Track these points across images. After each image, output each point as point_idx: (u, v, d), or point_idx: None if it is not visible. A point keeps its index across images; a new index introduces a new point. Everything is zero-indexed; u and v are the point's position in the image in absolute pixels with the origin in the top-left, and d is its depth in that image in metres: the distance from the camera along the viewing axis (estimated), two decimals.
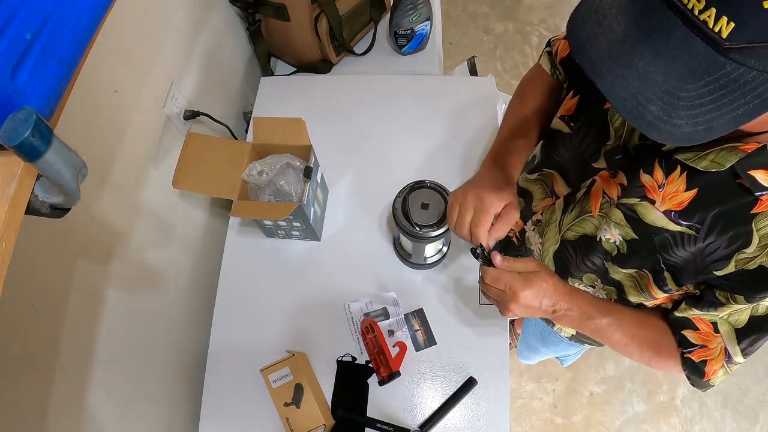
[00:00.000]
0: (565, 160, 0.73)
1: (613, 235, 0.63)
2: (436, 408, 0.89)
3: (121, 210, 0.82)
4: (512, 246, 0.89)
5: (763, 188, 0.48)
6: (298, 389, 0.87)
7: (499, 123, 1.16)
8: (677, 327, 0.64)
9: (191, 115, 1.00)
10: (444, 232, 0.83)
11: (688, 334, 0.63)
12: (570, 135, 0.70)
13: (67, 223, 0.63)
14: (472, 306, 0.96)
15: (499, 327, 0.95)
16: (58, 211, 0.49)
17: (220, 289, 1.02)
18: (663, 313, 0.69)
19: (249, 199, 0.93)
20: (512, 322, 1.71)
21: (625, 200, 0.61)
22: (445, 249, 0.99)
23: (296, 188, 0.91)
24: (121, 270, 0.82)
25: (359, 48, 1.34)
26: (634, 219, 0.60)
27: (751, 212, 0.50)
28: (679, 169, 0.55)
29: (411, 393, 0.91)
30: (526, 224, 0.84)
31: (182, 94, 0.98)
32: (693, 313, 0.62)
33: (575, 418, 1.70)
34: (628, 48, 0.39)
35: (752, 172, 0.48)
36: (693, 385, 0.66)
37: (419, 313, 0.96)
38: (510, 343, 1.69)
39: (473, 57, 1.49)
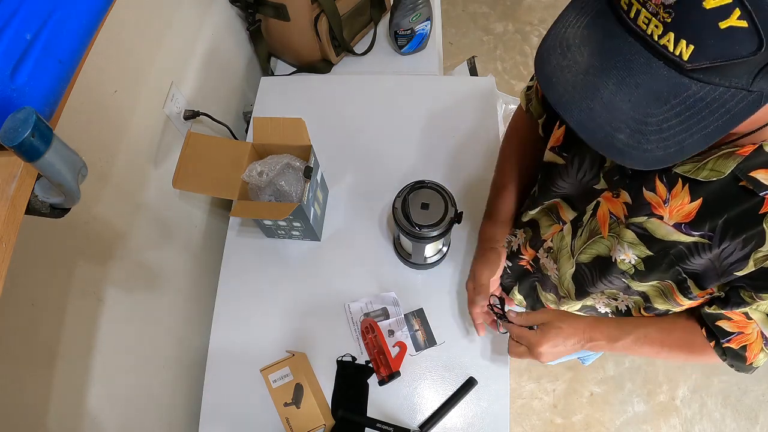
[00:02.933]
0: (566, 189, 0.73)
1: (627, 256, 0.63)
2: (436, 408, 0.89)
3: (121, 210, 0.82)
4: (528, 273, 0.89)
5: (767, 188, 0.48)
6: (298, 389, 0.87)
7: (499, 123, 1.17)
8: (711, 319, 0.65)
9: (191, 115, 1.00)
10: (444, 232, 0.83)
11: (723, 324, 0.63)
12: (565, 165, 0.70)
13: (67, 223, 0.63)
14: None
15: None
16: (58, 211, 0.49)
17: (219, 289, 1.03)
18: (690, 311, 0.70)
19: (249, 199, 0.93)
20: None
21: (634, 219, 0.60)
22: (445, 249, 0.99)
23: (296, 188, 0.91)
24: (121, 270, 0.82)
25: (359, 48, 1.34)
26: (646, 236, 0.60)
27: (760, 212, 0.49)
28: (680, 182, 0.54)
29: (411, 393, 0.91)
30: (537, 252, 0.83)
31: (182, 93, 0.98)
32: (722, 311, 0.62)
33: (575, 418, 1.70)
34: (591, 79, 0.39)
35: (753, 174, 0.48)
36: (738, 370, 0.67)
37: (419, 313, 0.96)
38: None
39: (473, 57, 1.49)
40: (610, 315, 0.82)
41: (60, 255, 0.69)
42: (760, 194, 0.49)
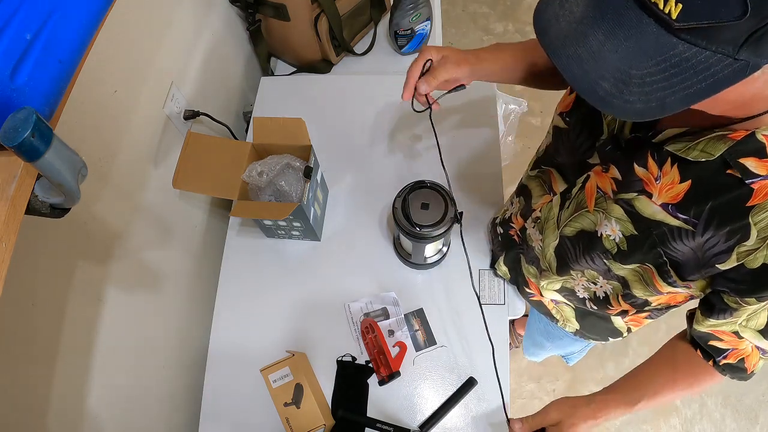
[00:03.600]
0: (563, 156, 0.74)
1: (613, 231, 0.64)
2: (436, 408, 0.89)
3: (121, 210, 0.82)
4: (514, 244, 0.91)
5: (754, 176, 0.48)
6: (298, 389, 0.87)
7: (499, 123, 1.18)
8: (703, 341, 0.65)
9: (191, 115, 1.00)
10: (444, 232, 0.83)
11: (715, 343, 0.64)
12: (567, 130, 0.71)
13: (67, 223, 0.63)
14: (472, 306, 0.96)
15: (499, 327, 0.95)
16: (58, 211, 0.49)
17: (219, 289, 1.03)
18: (683, 336, 0.71)
19: (249, 199, 0.93)
20: (512, 322, 1.71)
21: (623, 195, 0.61)
22: (445, 249, 0.99)
23: (296, 188, 0.91)
24: (121, 270, 0.82)
25: (359, 48, 1.34)
26: (633, 214, 0.61)
27: (747, 205, 0.49)
28: (669, 160, 0.55)
29: (411, 393, 0.91)
30: (526, 222, 0.85)
31: (182, 93, 0.98)
32: (711, 324, 0.62)
33: None
34: (583, 29, 0.41)
35: (742, 160, 0.48)
36: (739, 380, 0.68)
37: (419, 313, 0.96)
38: (510, 344, 1.70)
39: None
40: (587, 301, 0.82)
41: (60, 255, 0.69)
42: (746, 182, 0.48)
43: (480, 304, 0.83)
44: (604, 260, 0.68)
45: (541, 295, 0.91)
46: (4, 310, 0.58)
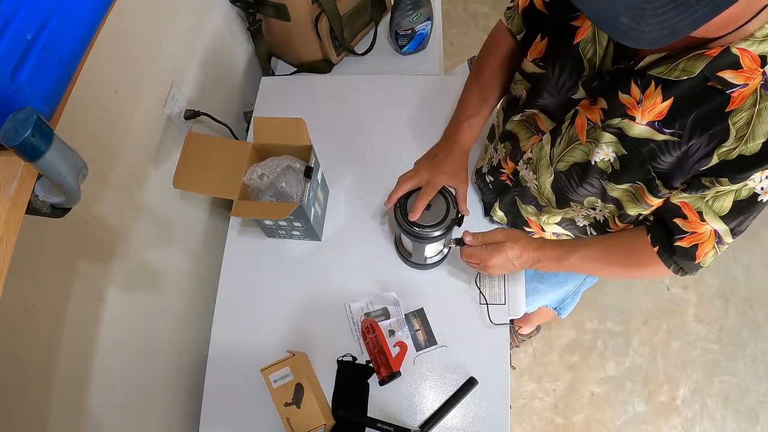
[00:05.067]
0: (547, 98, 0.77)
1: (607, 155, 0.69)
2: (437, 408, 0.89)
3: (122, 210, 0.82)
4: (508, 188, 0.93)
5: (733, 85, 0.54)
6: (299, 389, 0.86)
7: None
8: (668, 216, 0.69)
9: (192, 115, 1.00)
10: (445, 232, 0.83)
11: (678, 222, 0.68)
12: (547, 75, 0.75)
13: (67, 223, 0.63)
14: (473, 306, 0.96)
15: (499, 327, 0.95)
16: (59, 211, 0.50)
17: (220, 289, 1.02)
18: (641, 224, 0.77)
19: (249, 199, 0.93)
20: (512, 321, 1.71)
21: (609, 121, 0.66)
22: (445, 249, 0.99)
23: (297, 189, 0.91)
24: (121, 270, 0.82)
25: (360, 48, 1.34)
26: (621, 136, 0.66)
27: (726, 110, 0.55)
28: (653, 83, 0.60)
29: (411, 393, 0.91)
30: (518, 164, 0.87)
31: (183, 93, 0.98)
32: (683, 197, 0.66)
33: (576, 419, 1.70)
34: None
35: (720, 74, 0.54)
36: (684, 273, 0.72)
37: (420, 313, 0.96)
38: (510, 343, 1.70)
39: (474, 57, 1.49)
40: (588, 228, 0.87)
41: (60, 255, 0.69)
42: (728, 92, 0.54)
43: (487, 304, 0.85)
44: (601, 180, 0.73)
45: (543, 230, 0.95)
46: (4, 310, 0.58)
